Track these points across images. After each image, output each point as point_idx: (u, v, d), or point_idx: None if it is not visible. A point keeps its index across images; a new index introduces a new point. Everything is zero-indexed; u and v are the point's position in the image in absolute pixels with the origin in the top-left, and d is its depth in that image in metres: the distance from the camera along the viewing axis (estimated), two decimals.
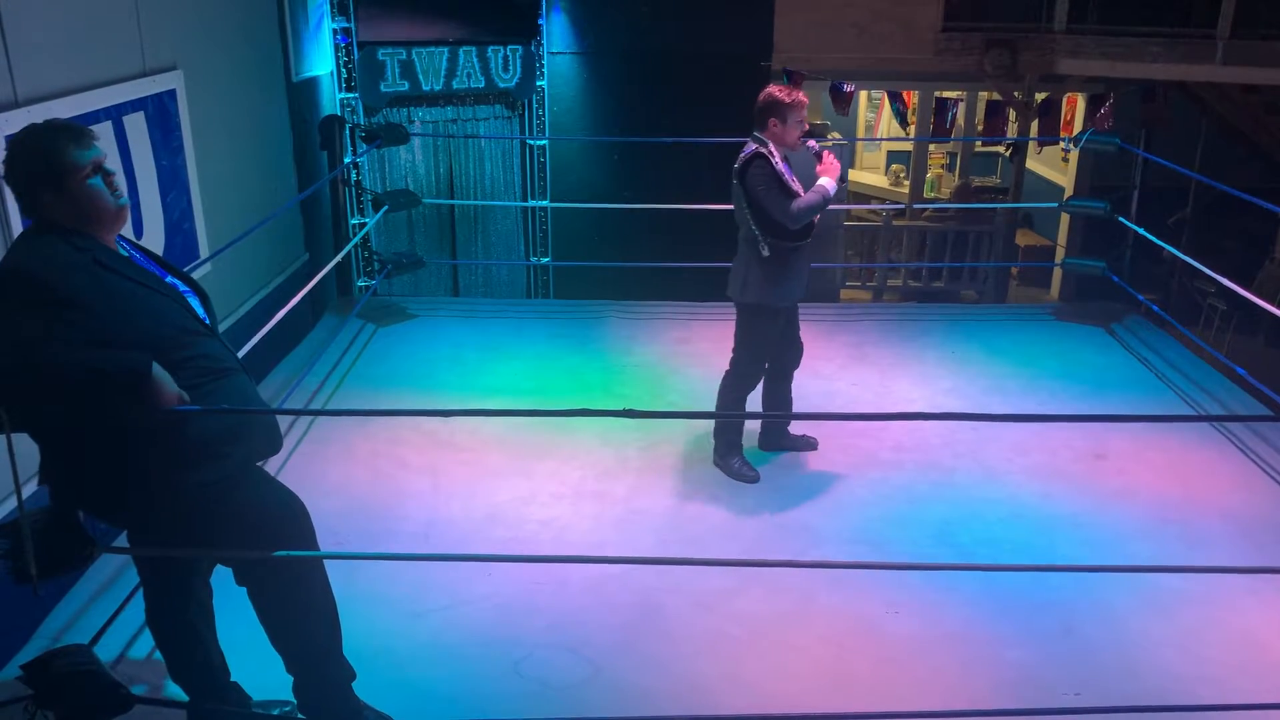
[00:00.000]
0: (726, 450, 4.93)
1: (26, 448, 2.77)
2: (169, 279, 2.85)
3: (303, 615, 3.02)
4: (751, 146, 4.57)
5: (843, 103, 8.91)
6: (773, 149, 4.52)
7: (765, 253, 4.60)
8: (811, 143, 4.71)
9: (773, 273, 4.64)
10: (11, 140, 2.69)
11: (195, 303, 2.86)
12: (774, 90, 4.55)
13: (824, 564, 4.06)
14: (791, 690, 3.50)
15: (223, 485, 2.78)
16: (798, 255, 4.68)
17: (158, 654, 3.46)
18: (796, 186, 4.53)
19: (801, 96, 4.56)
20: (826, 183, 4.53)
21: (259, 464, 2.99)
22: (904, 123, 11.10)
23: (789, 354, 5.00)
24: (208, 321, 2.86)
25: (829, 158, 4.62)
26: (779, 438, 5.15)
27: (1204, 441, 5.24)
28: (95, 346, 2.56)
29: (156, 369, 2.57)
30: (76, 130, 2.70)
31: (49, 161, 2.62)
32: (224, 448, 2.77)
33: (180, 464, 2.71)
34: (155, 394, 2.57)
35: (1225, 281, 5.70)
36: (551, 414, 3.47)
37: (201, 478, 2.74)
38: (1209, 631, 3.81)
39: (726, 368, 4.89)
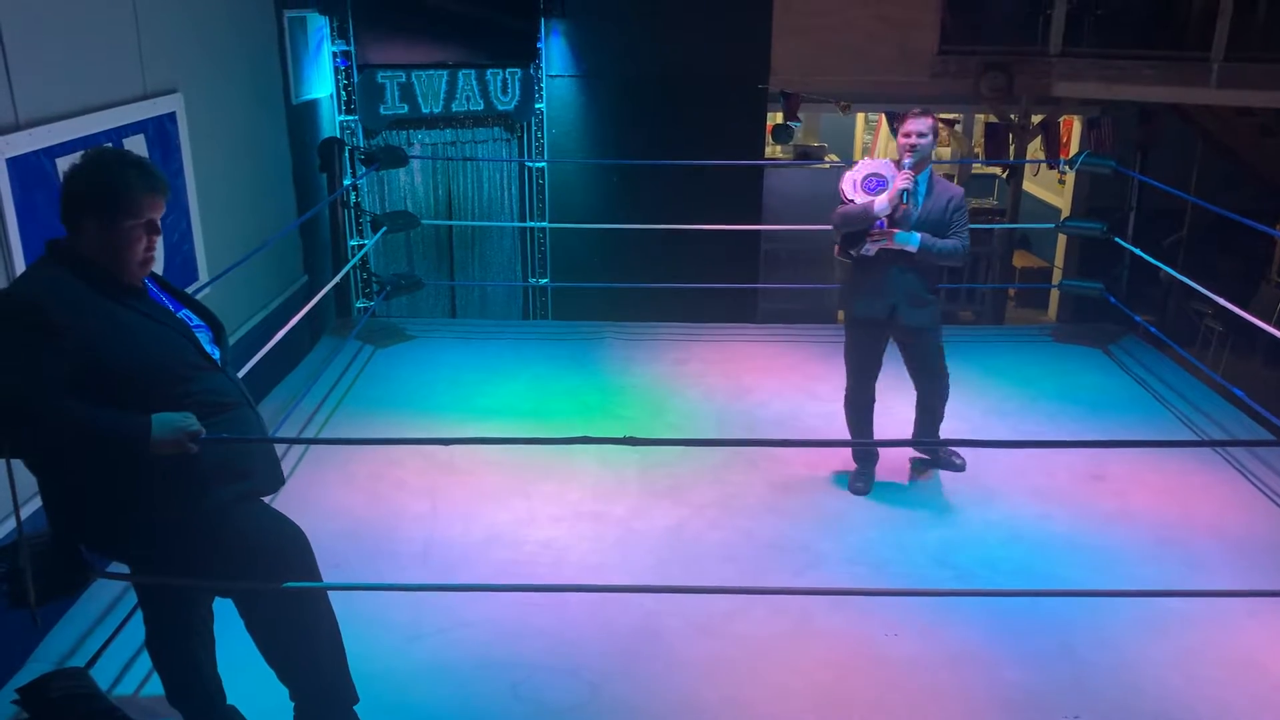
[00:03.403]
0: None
1: (26, 471, 2.76)
2: (181, 312, 2.82)
3: (306, 647, 2.99)
4: None
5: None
6: (862, 165, 4.74)
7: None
8: (905, 164, 4.60)
9: (846, 282, 4.88)
10: (95, 153, 2.64)
11: (204, 337, 2.82)
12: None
13: (822, 591, 4.05)
14: (791, 712, 3.49)
15: (220, 515, 2.75)
16: (859, 267, 4.72)
17: (155, 677, 3.45)
18: (858, 198, 4.62)
19: (908, 115, 4.62)
20: (877, 198, 4.57)
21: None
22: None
23: (914, 380, 4.94)
24: (216, 355, 2.82)
25: (900, 178, 4.54)
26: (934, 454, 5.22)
27: (1202, 463, 5.23)
28: (90, 376, 2.53)
29: (156, 428, 2.53)
30: (161, 182, 2.64)
31: (117, 194, 2.56)
32: (222, 481, 2.74)
33: (178, 496, 2.69)
34: (160, 449, 2.55)
35: (1222, 302, 5.71)
36: (552, 441, 3.46)
37: (198, 508, 2.71)
38: (1208, 653, 3.80)
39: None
